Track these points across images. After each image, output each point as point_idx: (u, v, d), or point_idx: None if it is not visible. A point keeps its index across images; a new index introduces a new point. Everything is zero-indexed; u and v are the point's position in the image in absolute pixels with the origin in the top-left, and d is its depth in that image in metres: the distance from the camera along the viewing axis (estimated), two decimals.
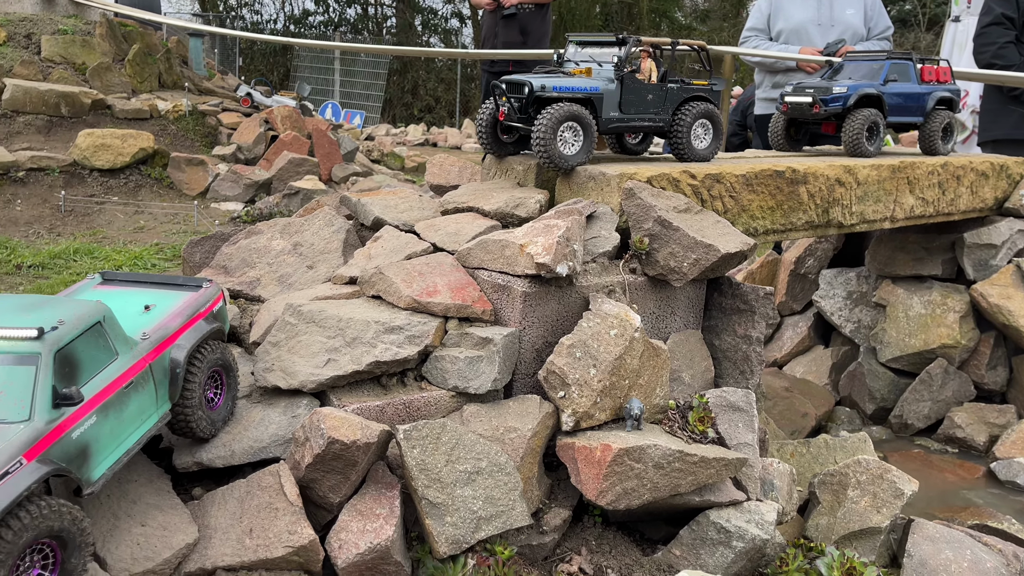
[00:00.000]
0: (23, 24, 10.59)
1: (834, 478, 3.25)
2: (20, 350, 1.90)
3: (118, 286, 2.63)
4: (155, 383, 2.27)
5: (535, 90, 3.21)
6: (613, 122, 3.41)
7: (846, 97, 4.17)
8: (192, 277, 2.74)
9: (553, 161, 3.18)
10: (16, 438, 1.80)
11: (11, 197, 8.60)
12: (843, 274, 5.21)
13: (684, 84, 3.57)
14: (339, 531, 2.29)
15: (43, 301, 2.15)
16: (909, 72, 4.40)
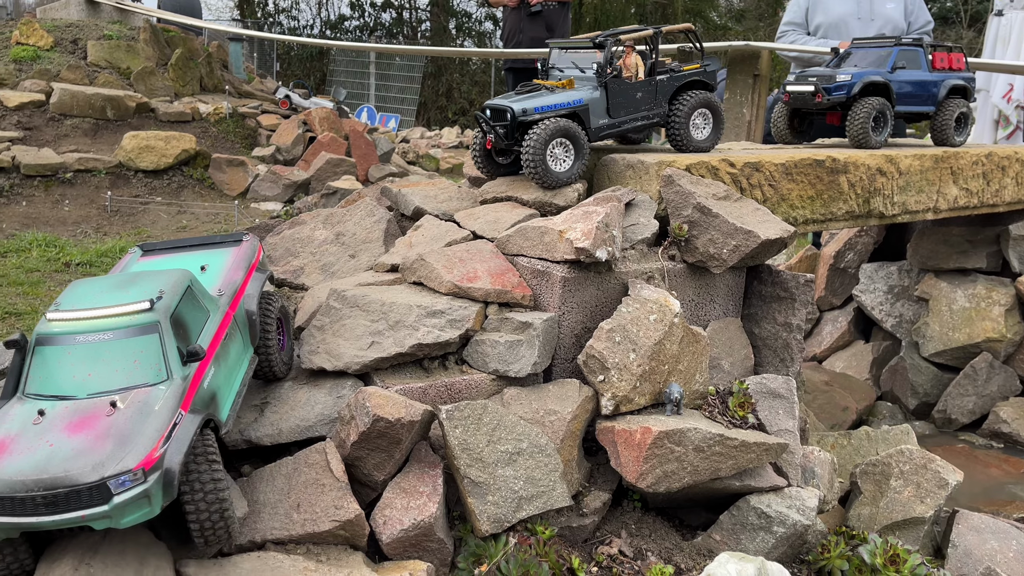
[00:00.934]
0: (69, 30, 10.88)
1: (876, 468, 3.22)
2: (140, 321, 2.10)
3: (162, 254, 2.77)
4: (240, 332, 2.48)
5: (517, 115, 3.13)
6: (603, 130, 3.32)
7: (850, 85, 3.95)
8: (230, 233, 2.87)
9: (545, 180, 3.13)
10: (170, 394, 2.03)
11: (59, 198, 8.84)
12: (884, 268, 5.14)
13: (674, 73, 3.45)
14: (383, 507, 2.34)
15: (132, 278, 2.30)
16: (919, 59, 4.18)
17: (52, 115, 9.60)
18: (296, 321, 2.99)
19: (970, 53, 4.74)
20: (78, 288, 2.29)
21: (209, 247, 2.81)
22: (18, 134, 9.25)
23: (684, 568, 2.64)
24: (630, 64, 3.38)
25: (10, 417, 2.01)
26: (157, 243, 2.82)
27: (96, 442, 1.91)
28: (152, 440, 1.93)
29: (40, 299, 5.98)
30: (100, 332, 2.09)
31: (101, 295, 2.19)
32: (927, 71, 4.20)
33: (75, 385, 2.06)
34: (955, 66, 4.31)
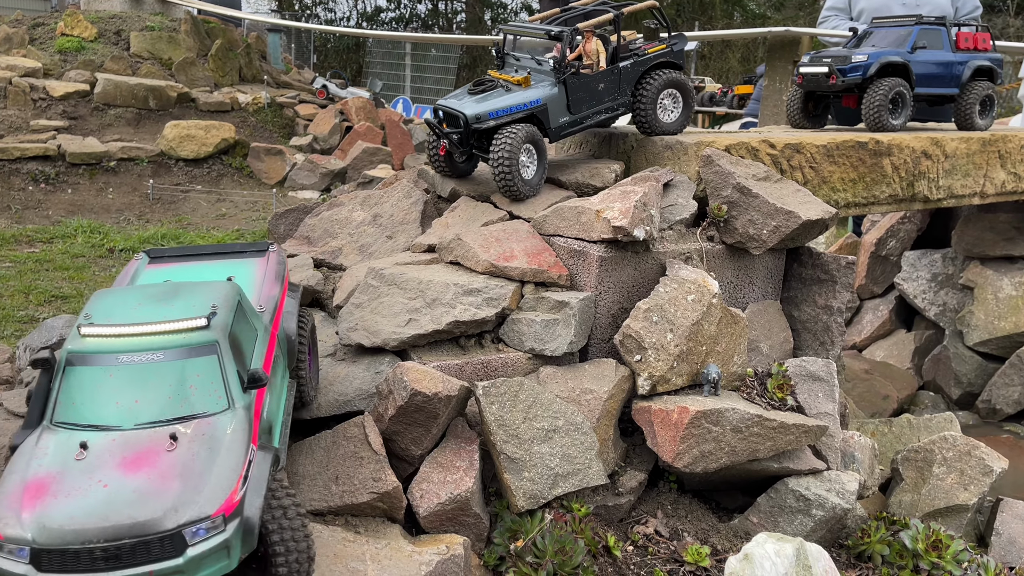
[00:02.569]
0: (112, 21, 11.09)
1: (919, 455, 3.16)
2: (196, 340, 1.81)
3: (172, 263, 2.42)
4: (282, 354, 2.18)
5: (471, 122, 2.96)
6: (564, 128, 3.14)
7: (866, 66, 3.75)
8: (251, 242, 2.58)
9: (518, 191, 3.02)
10: (237, 427, 1.76)
11: (103, 185, 9.03)
12: (927, 256, 5.04)
13: (638, 57, 3.24)
14: (420, 481, 2.35)
15: (172, 289, 2.01)
16: (941, 39, 3.97)
17: (96, 105, 9.81)
18: (335, 300, 3.02)
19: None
20: (107, 299, 1.97)
21: (227, 256, 2.48)
22: (64, 123, 9.47)
23: (720, 549, 2.62)
24: (590, 51, 3.17)
25: (44, 451, 1.70)
26: (166, 249, 2.49)
27: (161, 483, 1.63)
28: (229, 481, 1.66)
29: (85, 283, 6.12)
30: (148, 352, 1.79)
31: (140, 308, 1.89)
32: (950, 51, 4.00)
33: (120, 413, 1.76)
34: (980, 46, 4.10)
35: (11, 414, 2.53)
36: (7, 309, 5.40)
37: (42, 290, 5.84)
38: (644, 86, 3.23)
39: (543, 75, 3.13)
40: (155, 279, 2.29)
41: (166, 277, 2.28)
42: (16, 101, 9.42)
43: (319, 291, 3.14)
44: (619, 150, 3.50)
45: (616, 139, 3.50)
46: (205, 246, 2.53)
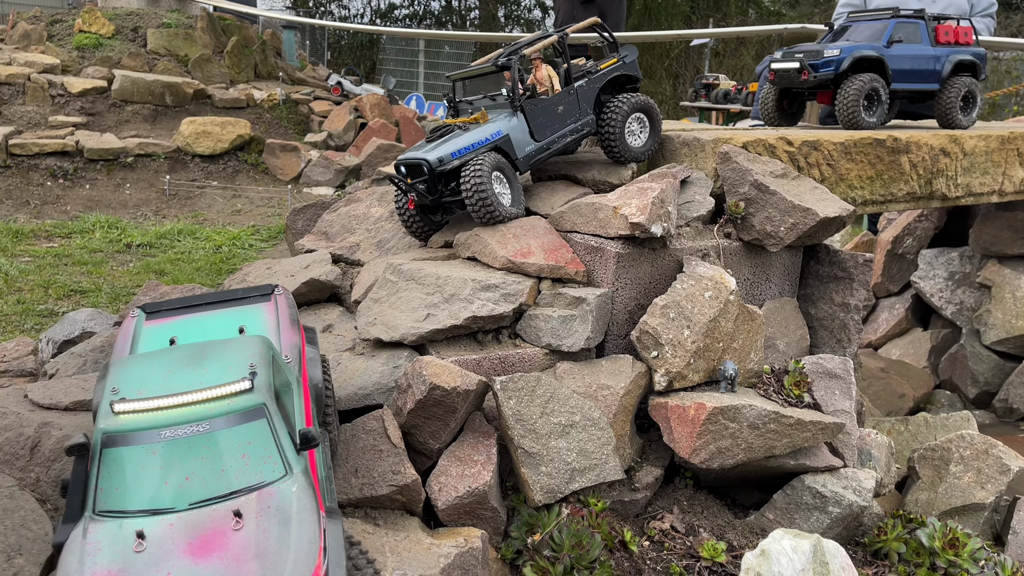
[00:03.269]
0: (130, 18, 11.17)
1: (936, 453, 3.15)
2: (243, 405, 1.68)
3: (171, 316, 2.23)
4: (314, 407, 2.07)
5: (434, 166, 2.86)
6: (533, 157, 3.05)
7: (839, 61, 3.57)
8: (253, 287, 2.38)
9: (500, 214, 2.87)
10: (300, 493, 1.64)
11: (121, 181, 9.11)
12: (945, 254, 5.02)
13: (592, 75, 3.17)
14: (439, 475, 2.37)
15: (199, 350, 1.86)
16: (920, 32, 3.78)
17: (114, 101, 9.89)
18: (353, 295, 3.05)
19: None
20: (131, 369, 1.82)
21: (229, 303, 2.28)
22: (81, 119, 9.55)
23: (736, 545, 2.62)
24: (542, 78, 3.10)
25: (97, 547, 1.54)
26: (162, 303, 2.28)
27: (238, 567, 1.49)
28: (310, 556, 1.53)
29: (103, 278, 6.18)
30: (192, 423, 1.65)
31: (171, 375, 1.75)
32: (929, 45, 3.82)
33: (171, 494, 1.62)
34: (962, 40, 3.91)
35: (36, 405, 2.57)
36: (27, 303, 5.46)
37: (61, 284, 5.90)
38: (610, 112, 3.14)
39: (499, 108, 3.06)
40: (159, 337, 2.12)
41: (170, 334, 2.12)
42: (35, 97, 9.51)
43: (337, 286, 3.16)
44: None
45: None
46: (203, 295, 2.34)
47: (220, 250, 7.09)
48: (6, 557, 2.05)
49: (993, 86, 14.90)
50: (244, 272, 3.35)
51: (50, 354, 3.16)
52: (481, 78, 3.21)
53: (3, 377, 2.97)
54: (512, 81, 2.96)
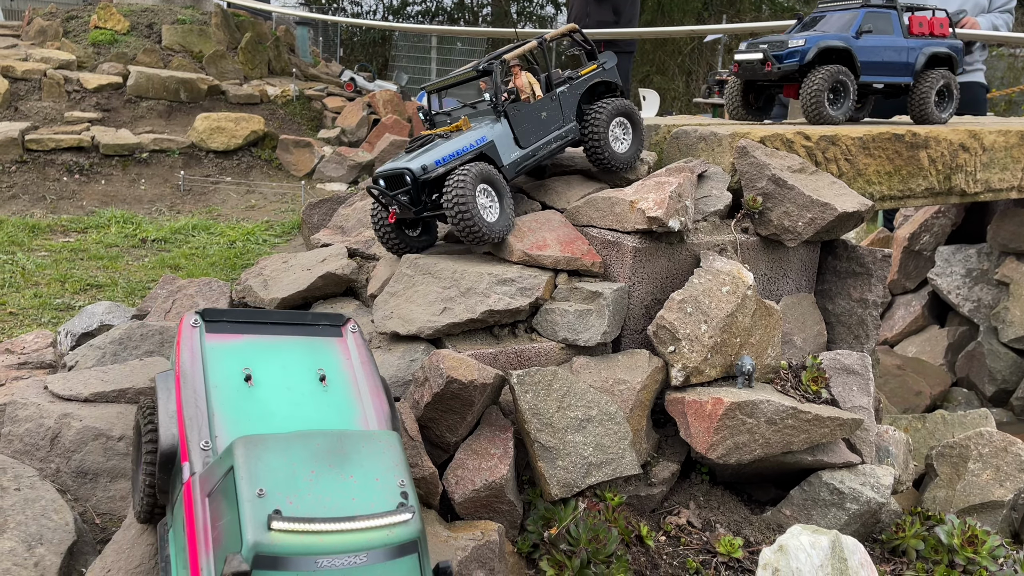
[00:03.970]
0: (145, 14, 11.23)
1: (954, 450, 3.13)
2: (400, 539, 1.53)
3: (237, 334, 2.03)
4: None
5: (418, 175, 2.72)
6: (518, 164, 2.96)
7: (804, 51, 3.42)
8: (321, 314, 2.18)
9: (480, 234, 2.70)
10: None
11: (136, 177, 9.16)
12: (962, 251, 4.98)
13: (573, 80, 3.10)
14: (456, 468, 2.38)
15: (337, 445, 1.65)
16: (891, 23, 3.62)
17: (129, 97, 9.94)
18: (369, 289, 3.05)
19: None
20: (271, 462, 1.57)
21: (298, 330, 2.09)
22: (97, 115, 9.61)
23: (753, 541, 2.62)
24: (522, 85, 3.02)
25: None
26: (223, 312, 2.09)
27: None
28: None
29: (119, 272, 6.22)
30: (350, 554, 1.50)
31: (317, 480, 1.56)
32: (901, 37, 3.66)
33: None
34: (937, 32, 3.76)
35: (56, 397, 2.59)
36: (44, 297, 5.50)
37: (77, 279, 5.95)
38: (592, 118, 3.05)
39: (481, 115, 2.97)
40: (227, 363, 1.93)
41: (240, 362, 1.94)
42: (51, 93, 9.58)
43: (353, 280, 3.16)
44: (651, 141, 3.49)
45: (648, 130, 3.50)
46: (269, 313, 2.14)
47: (234, 245, 7.13)
48: (27, 546, 2.07)
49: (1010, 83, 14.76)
50: (260, 266, 3.36)
51: (69, 346, 3.19)
52: (460, 89, 3.12)
53: (23, 369, 2.99)
54: (494, 85, 2.88)
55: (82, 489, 2.41)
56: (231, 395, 1.86)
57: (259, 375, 1.91)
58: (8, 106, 9.33)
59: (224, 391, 1.86)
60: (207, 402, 1.83)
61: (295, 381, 1.93)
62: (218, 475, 1.60)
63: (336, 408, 1.90)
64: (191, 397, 1.84)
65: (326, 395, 1.91)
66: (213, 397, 1.85)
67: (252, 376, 1.91)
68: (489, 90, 2.92)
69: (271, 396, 1.88)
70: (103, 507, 2.40)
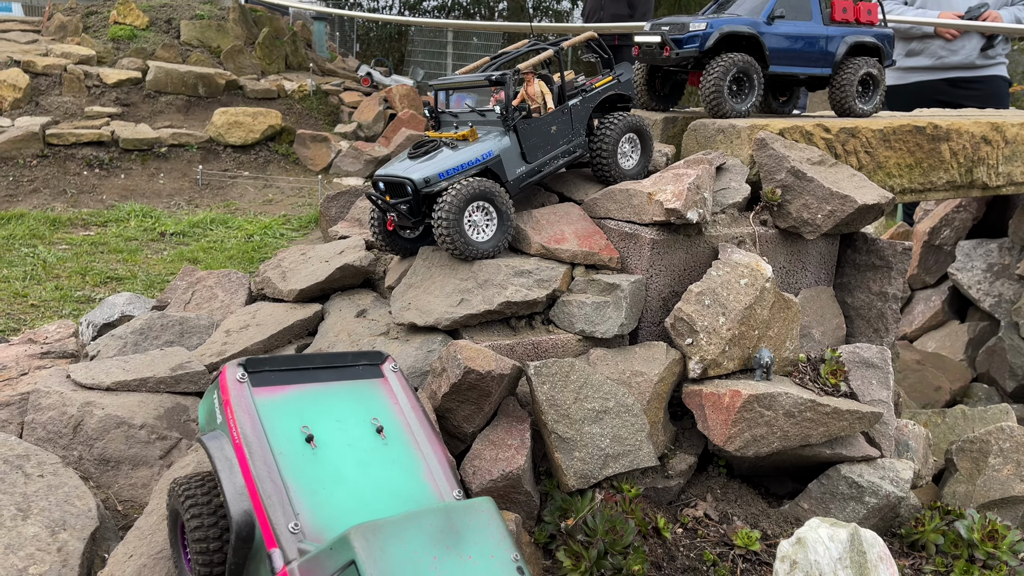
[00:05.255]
0: (163, 10, 11.30)
1: (974, 445, 3.10)
2: None
3: (284, 385, 1.93)
4: None
5: (419, 187, 2.66)
6: (523, 180, 2.88)
7: (704, 36, 3.14)
8: (358, 353, 2.11)
9: (465, 253, 2.69)
10: None
11: (155, 171, 9.23)
12: (983, 245, 4.92)
13: (586, 94, 3.00)
14: (473, 458, 2.38)
15: (447, 524, 1.58)
16: (810, 7, 3.34)
17: (148, 92, 10.02)
18: (387, 280, 3.06)
19: None
20: (393, 555, 1.47)
21: (341, 373, 2.03)
22: (116, 110, 9.69)
23: (771, 534, 2.61)
24: (534, 93, 2.93)
25: None
26: (264, 360, 1.96)
27: None
28: None
29: (138, 265, 6.28)
30: None
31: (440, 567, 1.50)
32: (820, 23, 3.38)
33: None
34: (863, 19, 3.49)
35: (78, 386, 2.62)
36: (65, 289, 5.57)
37: (97, 271, 6.01)
38: (601, 133, 2.99)
39: (489, 125, 2.87)
40: (283, 420, 1.83)
41: (296, 419, 1.85)
42: (71, 88, 9.66)
43: (371, 271, 3.18)
44: (669, 133, 3.48)
45: (667, 123, 3.48)
46: (310, 357, 2.05)
47: (252, 239, 7.17)
48: (51, 532, 2.10)
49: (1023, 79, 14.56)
50: (279, 258, 3.38)
51: (90, 336, 3.22)
52: (462, 90, 3.01)
53: (46, 358, 3.03)
54: (506, 98, 2.79)
55: (104, 476, 2.45)
56: (299, 462, 1.77)
57: (318, 434, 1.83)
58: (29, 101, 9.42)
59: (291, 458, 1.77)
60: (280, 475, 1.72)
61: (354, 436, 1.88)
62: (331, 569, 1.49)
63: (400, 464, 1.86)
64: (263, 471, 1.72)
65: (387, 449, 1.87)
66: (283, 467, 1.74)
67: (310, 433, 1.84)
68: (500, 103, 2.81)
69: (336, 458, 1.81)
70: (125, 494, 2.43)
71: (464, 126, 2.92)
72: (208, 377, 2.75)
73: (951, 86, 5.53)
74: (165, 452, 2.53)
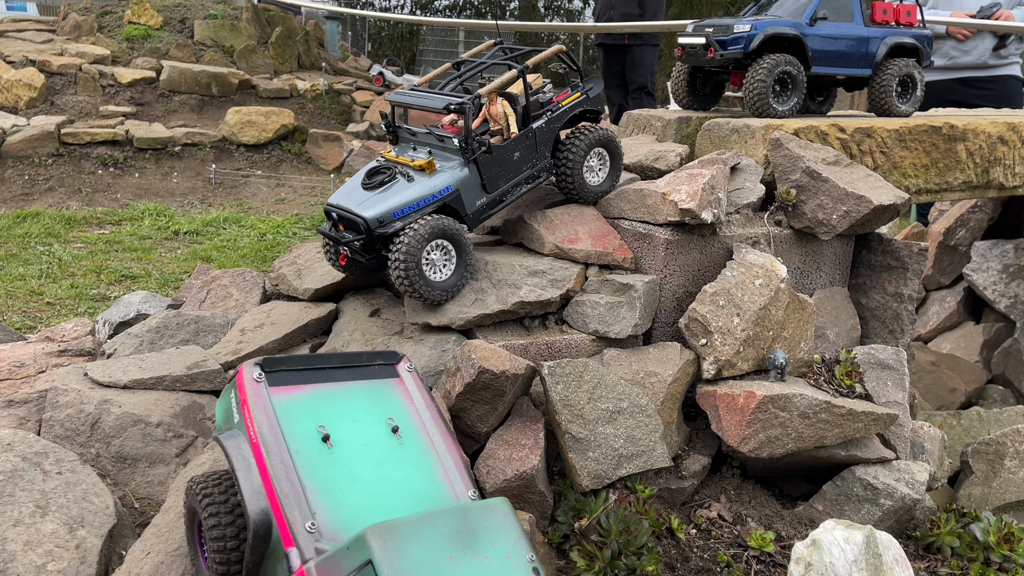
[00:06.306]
0: (177, 9, 11.37)
1: (990, 447, 3.08)
2: None
3: (301, 385, 1.94)
4: None
5: (372, 227, 2.53)
6: (484, 211, 2.74)
7: (749, 38, 3.15)
8: (373, 353, 2.12)
9: (426, 295, 2.57)
10: None
11: (168, 170, 9.29)
12: (999, 246, 4.89)
13: (552, 114, 2.84)
14: (487, 458, 2.39)
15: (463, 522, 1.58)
16: (851, 9, 3.34)
17: (162, 91, 10.08)
18: None
19: None
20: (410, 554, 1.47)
21: (356, 372, 2.04)
22: (131, 109, 9.75)
23: (785, 536, 2.60)
24: (496, 114, 2.76)
25: None
26: (280, 360, 1.97)
27: None
28: None
29: (152, 264, 6.32)
30: None
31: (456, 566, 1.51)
32: (861, 24, 3.38)
33: None
34: (903, 20, 3.49)
35: (96, 383, 2.64)
36: (80, 288, 5.61)
37: (112, 270, 6.05)
38: (567, 150, 2.85)
39: (448, 153, 2.68)
40: (300, 420, 1.84)
41: (313, 418, 1.86)
42: (86, 87, 9.73)
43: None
44: (683, 134, 3.47)
45: (680, 123, 3.48)
46: (326, 357, 2.06)
47: (265, 238, 7.21)
48: (69, 529, 2.12)
49: None
50: (295, 254, 3.40)
51: (107, 335, 3.25)
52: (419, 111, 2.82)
53: (63, 356, 3.06)
54: (466, 128, 2.60)
55: (121, 473, 2.47)
56: (315, 462, 1.77)
57: (334, 433, 1.84)
58: (44, 100, 9.50)
59: (307, 458, 1.77)
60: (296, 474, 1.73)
61: (370, 436, 1.88)
62: (348, 568, 1.49)
63: (416, 464, 1.86)
64: (280, 470, 1.72)
65: (403, 449, 1.87)
66: (300, 466, 1.75)
67: (327, 432, 1.84)
68: (459, 136, 2.63)
69: (352, 458, 1.82)
70: (142, 491, 2.45)
71: (422, 148, 2.76)
72: (224, 376, 2.77)
73: (964, 86, 5.50)
74: (181, 450, 2.55)
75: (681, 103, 3.66)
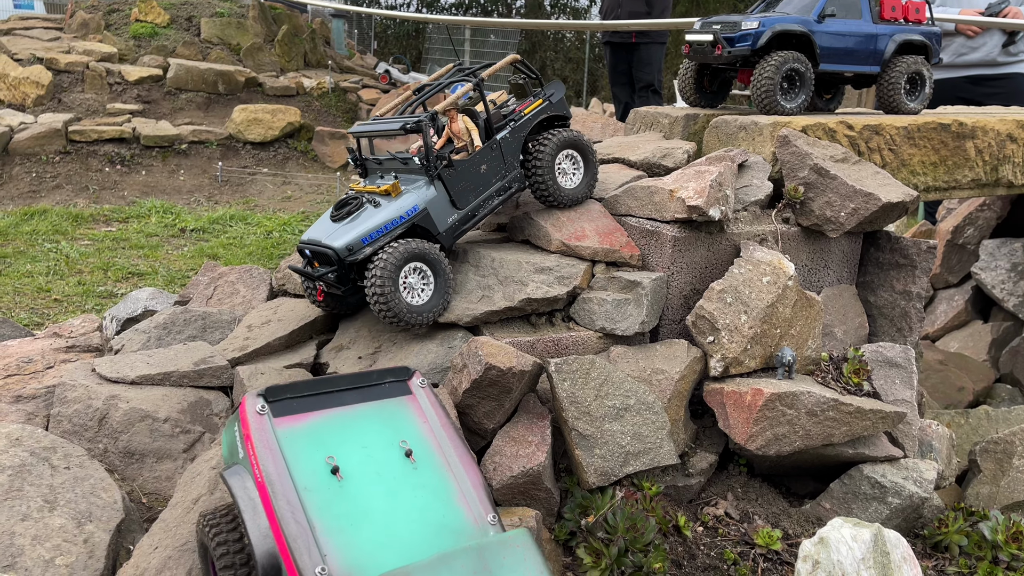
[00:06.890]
0: (184, 7, 11.39)
1: (998, 446, 3.07)
2: None
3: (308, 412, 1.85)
4: None
5: (343, 256, 2.49)
6: (457, 228, 2.70)
7: (757, 35, 3.14)
8: (385, 370, 2.03)
9: (404, 319, 2.51)
10: None
11: (175, 168, 9.31)
12: (1007, 244, 4.86)
13: (516, 123, 2.81)
14: (493, 454, 2.39)
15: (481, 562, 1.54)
16: (859, 6, 3.34)
17: (169, 89, 10.10)
18: None
19: None
20: None
21: (366, 393, 1.95)
22: (138, 107, 9.78)
23: (792, 534, 2.59)
24: (459, 131, 2.75)
25: None
26: (285, 387, 1.88)
27: None
28: None
29: (159, 261, 6.33)
30: None
31: None
32: (870, 22, 3.37)
33: None
34: (911, 17, 3.47)
35: (103, 379, 2.65)
36: (87, 285, 5.63)
37: (119, 267, 6.07)
38: (534, 155, 2.82)
39: (414, 175, 2.66)
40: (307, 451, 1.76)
41: (321, 450, 1.78)
42: (93, 85, 9.76)
43: None
44: (690, 131, 3.46)
45: (688, 120, 3.47)
46: (333, 380, 1.96)
47: (271, 235, 7.22)
48: (77, 523, 2.12)
49: None
50: None
51: (114, 331, 3.26)
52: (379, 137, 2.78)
53: (71, 352, 3.07)
54: (425, 146, 2.58)
55: (129, 469, 2.47)
56: (325, 498, 1.70)
57: (344, 464, 1.75)
58: (52, 98, 9.53)
59: (317, 494, 1.69)
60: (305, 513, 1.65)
61: (382, 463, 1.80)
62: None
63: (432, 490, 1.78)
64: (287, 511, 1.64)
65: (417, 474, 1.79)
66: (308, 504, 1.66)
67: (336, 464, 1.76)
68: (419, 154, 2.61)
69: (364, 490, 1.74)
70: (149, 487, 2.46)
71: (388, 174, 2.73)
72: (230, 372, 2.78)
73: (972, 84, 5.47)
74: (188, 445, 2.55)
75: (688, 100, 3.67)
